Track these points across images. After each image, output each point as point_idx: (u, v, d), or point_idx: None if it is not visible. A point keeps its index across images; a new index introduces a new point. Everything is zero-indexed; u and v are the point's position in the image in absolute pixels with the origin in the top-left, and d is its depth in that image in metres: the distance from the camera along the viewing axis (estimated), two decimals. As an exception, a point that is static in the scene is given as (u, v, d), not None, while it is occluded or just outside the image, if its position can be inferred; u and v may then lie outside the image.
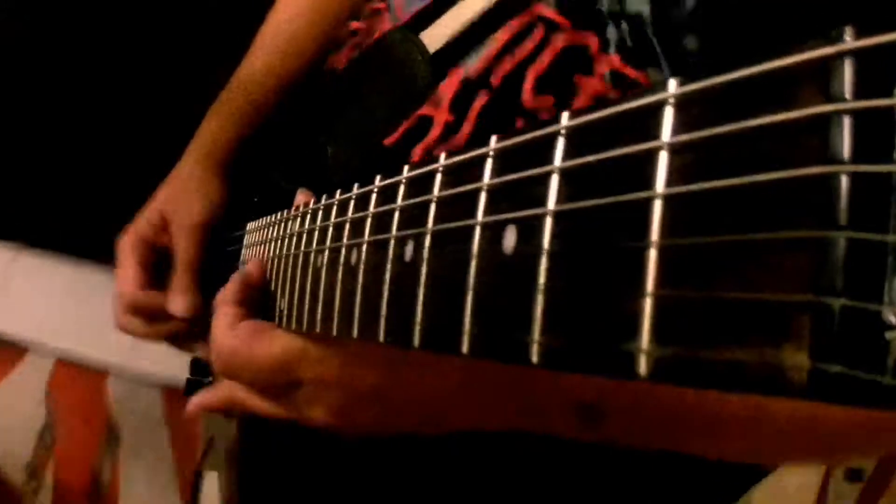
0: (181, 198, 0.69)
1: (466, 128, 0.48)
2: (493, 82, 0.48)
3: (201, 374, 0.73)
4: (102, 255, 1.31)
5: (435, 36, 0.52)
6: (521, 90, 0.46)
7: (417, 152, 0.49)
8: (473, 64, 0.49)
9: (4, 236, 1.35)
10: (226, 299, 0.46)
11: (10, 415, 1.31)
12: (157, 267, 0.68)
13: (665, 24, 0.42)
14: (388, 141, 0.52)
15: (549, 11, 0.47)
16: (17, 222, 1.34)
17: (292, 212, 0.47)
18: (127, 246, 0.68)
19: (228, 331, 0.43)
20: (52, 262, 1.36)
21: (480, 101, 0.48)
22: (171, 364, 1.30)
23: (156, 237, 0.69)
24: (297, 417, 0.42)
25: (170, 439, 1.31)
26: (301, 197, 0.51)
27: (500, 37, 0.48)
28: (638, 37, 0.43)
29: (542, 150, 0.21)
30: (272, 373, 0.41)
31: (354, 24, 0.65)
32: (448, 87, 0.49)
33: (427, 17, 0.54)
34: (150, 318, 0.67)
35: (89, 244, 1.31)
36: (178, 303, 0.65)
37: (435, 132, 0.49)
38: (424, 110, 0.50)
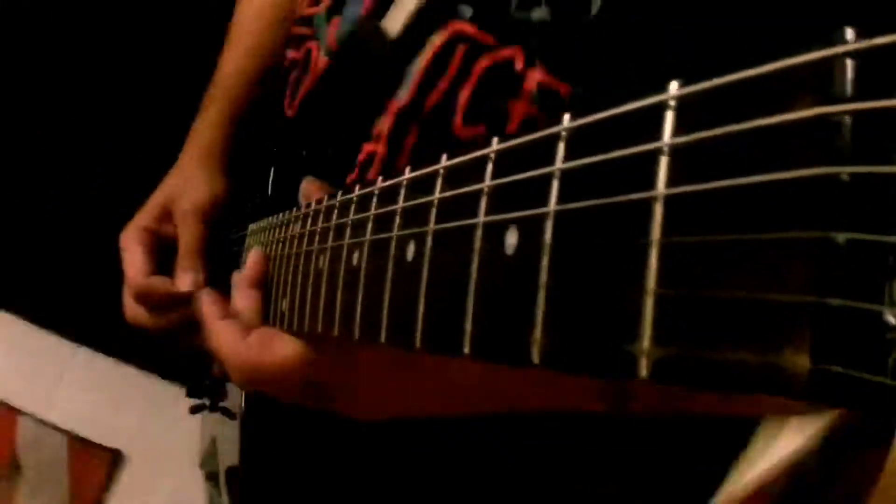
0: (182, 186, 0.70)
1: (402, 161, 0.48)
2: (421, 113, 0.47)
3: (201, 371, 0.73)
4: (15, 306, 1.33)
5: (395, 19, 0.52)
6: (451, 120, 0.46)
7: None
8: (404, 94, 0.49)
9: None
10: (214, 316, 0.47)
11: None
12: (162, 257, 0.68)
13: (574, 31, 0.41)
14: (348, 180, 0.52)
15: (468, 27, 0.46)
16: None
17: (294, 213, 0.47)
18: (130, 236, 0.68)
19: (235, 346, 0.44)
20: None
21: (412, 133, 0.48)
22: (80, 416, 1.39)
23: (158, 226, 0.69)
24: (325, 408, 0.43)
25: (69, 486, 1.39)
26: (308, 186, 0.51)
27: (423, 60, 0.48)
28: (552, 45, 0.42)
29: (543, 152, 0.21)
30: (285, 380, 0.42)
31: (291, 55, 0.65)
32: (385, 122, 0.50)
33: (373, 18, 0.54)
34: (156, 308, 0.67)
35: (21, 299, 1.37)
36: (184, 280, 0.65)
37: (375, 168, 0.50)
38: (371, 146, 0.50)
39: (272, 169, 0.70)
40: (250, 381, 0.44)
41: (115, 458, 1.37)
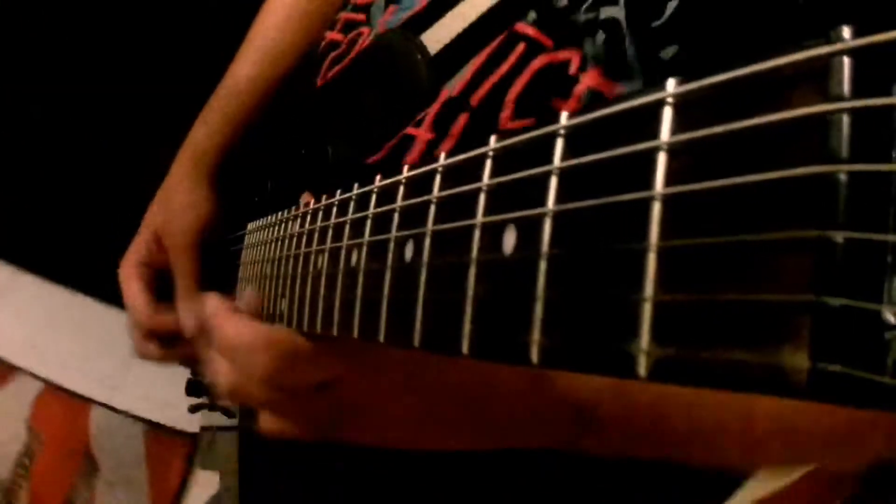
0: (172, 215, 0.69)
1: (446, 146, 0.48)
2: (472, 103, 0.48)
3: (203, 374, 0.73)
4: (102, 290, 1.31)
5: (435, 37, 0.52)
6: (499, 113, 0.46)
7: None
8: (456, 83, 0.49)
9: (4, 256, 1.34)
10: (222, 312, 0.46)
11: (-9, 435, 1.32)
12: (160, 283, 0.69)
13: (642, 31, 0.42)
14: (371, 160, 0.52)
15: (529, 29, 0.46)
16: (18, 245, 1.33)
17: (293, 212, 0.47)
18: (130, 274, 0.69)
19: (241, 325, 0.42)
20: (51, 288, 1.35)
21: (460, 121, 0.48)
22: (156, 403, 1.31)
23: (153, 259, 0.70)
24: (306, 412, 0.41)
25: (148, 477, 1.31)
26: (306, 199, 0.50)
27: (482, 55, 0.48)
28: (613, 46, 0.43)
29: (542, 151, 0.21)
30: (286, 364, 0.39)
31: (332, 36, 0.65)
32: (432, 107, 0.50)
33: (426, 18, 0.54)
34: (165, 342, 0.68)
35: (90, 278, 1.31)
36: (187, 322, 0.66)
37: (417, 150, 0.50)
38: (409, 130, 0.50)
39: (272, 168, 0.70)
40: (238, 354, 0.40)
41: (194, 444, 1.29)
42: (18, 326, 1.34)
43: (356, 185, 0.35)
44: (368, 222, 0.32)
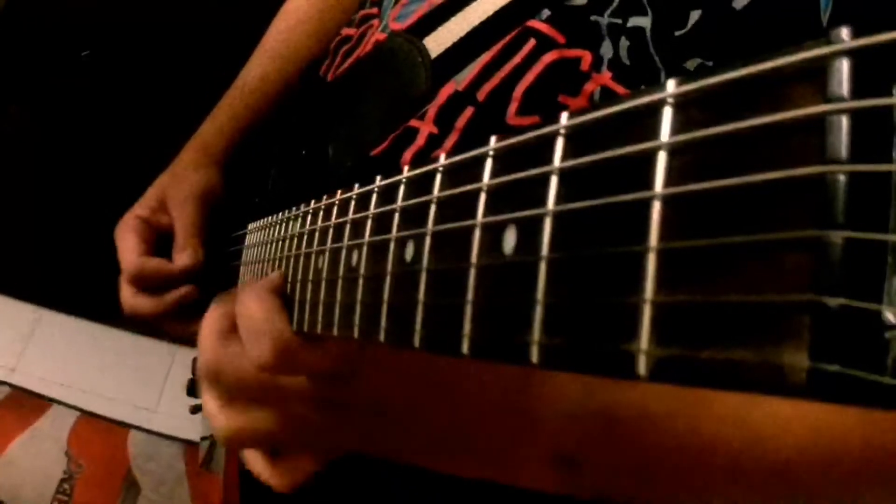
0: (179, 177, 0.70)
1: (451, 140, 0.48)
2: (478, 97, 0.48)
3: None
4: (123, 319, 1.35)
5: (438, 41, 0.52)
6: (506, 108, 0.46)
7: (406, 159, 0.50)
8: (464, 77, 0.49)
9: (29, 298, 1.37)
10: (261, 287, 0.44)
11: (31, 463, 1.34)
12: (158, 247, 0.68)
13: (665, 40, 0.42)
14: (374, 152, 0.52)
15: (542, 25, 0.46)
16: (40, 286, 1.36)
17: (293, 212, 0.47)
18: (126, 226, 0.68)
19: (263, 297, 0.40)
20: (77, 322, 1.39)
21: (465, 115, 0.48)
22: (191, 423, 1.33)
23: (154, 217, 0.69)
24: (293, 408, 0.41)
25: (190, 493, 1.33)
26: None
27: (490, 50, 0.48)
28: (638, 53, 0.43)
29: (542, 151, 0.21)
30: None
31: (346, 31, 0.65)
32: (436, 101, 0.50)
33: (431, 21, 0.54)
34: (151, 290, 0.67)
35: (111, 307, 1.34)
36: (183, 257, 0.65)
37: (419, 142, 0.50)
38: (412, 122, 0.50)
39: (272, 168, 0.70)
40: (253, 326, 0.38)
41: (234, 460, 1.32)
42: (49, 363, 1.37)
43: (357, 185, 0.35)
44: (369, 222, 0.32)
